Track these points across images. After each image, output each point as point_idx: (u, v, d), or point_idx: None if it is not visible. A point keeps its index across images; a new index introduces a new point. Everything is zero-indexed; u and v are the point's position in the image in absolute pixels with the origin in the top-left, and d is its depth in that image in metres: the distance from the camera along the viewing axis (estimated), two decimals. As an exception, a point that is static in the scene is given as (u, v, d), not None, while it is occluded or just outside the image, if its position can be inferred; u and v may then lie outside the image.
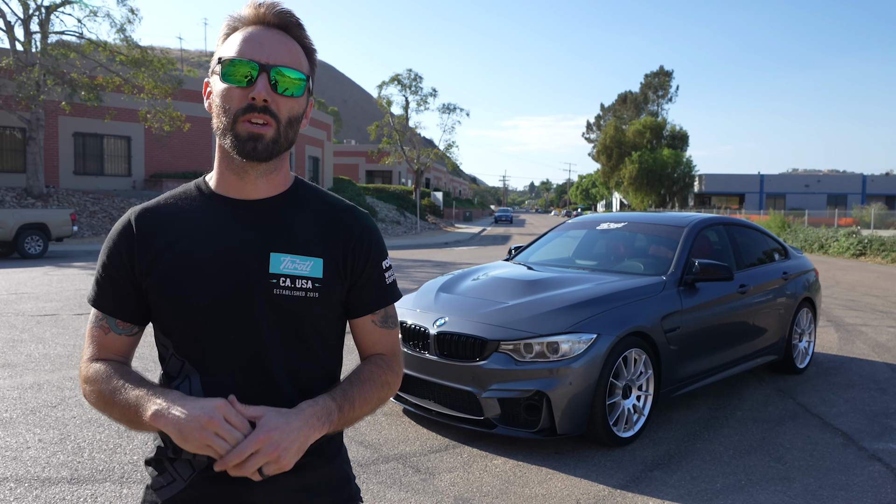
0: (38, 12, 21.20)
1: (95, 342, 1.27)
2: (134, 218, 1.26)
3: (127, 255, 1.24)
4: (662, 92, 75.71)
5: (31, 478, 3.56)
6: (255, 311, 1.21)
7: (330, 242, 1.28)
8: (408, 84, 41.04)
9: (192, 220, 1.25)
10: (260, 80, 1.16)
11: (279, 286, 1.22)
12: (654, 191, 60.98)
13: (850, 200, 57.36)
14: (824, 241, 24.10)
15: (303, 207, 1.29)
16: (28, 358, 6.09)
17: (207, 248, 1.22)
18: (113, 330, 1.27)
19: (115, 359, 1.27)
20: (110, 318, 1.26)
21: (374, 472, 3.80)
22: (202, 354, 1.22)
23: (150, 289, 1.23)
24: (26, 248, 15.94)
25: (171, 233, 1.24)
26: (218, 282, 1.21)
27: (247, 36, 1.19)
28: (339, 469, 1.35)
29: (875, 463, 4.08)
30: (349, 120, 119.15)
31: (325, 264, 1.26)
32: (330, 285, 1.26)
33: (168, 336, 1.25)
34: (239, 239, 1.23)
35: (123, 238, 1.25)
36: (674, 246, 5.29)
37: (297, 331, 1.25)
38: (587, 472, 3.87)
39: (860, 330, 8.48)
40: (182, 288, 1.21)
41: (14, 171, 24.09)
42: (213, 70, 1.23)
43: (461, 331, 4.27)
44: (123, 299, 1.26)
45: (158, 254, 1.23)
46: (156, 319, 1.27)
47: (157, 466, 1.27)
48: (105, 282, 1.26)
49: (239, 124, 1.17)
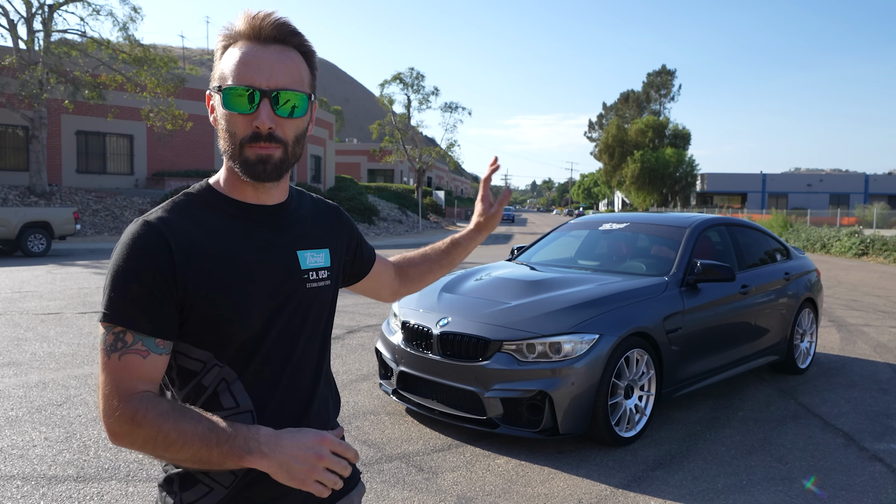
0: (41, 10, 21.25)
1: (129, 373, 1.13)
2: (164, 228, 1.17)
3: (168, 268, 1.14)
4: (665, 91, 75.60)
5: (37, 476, 3.59)
6: (295, 307, 1.29)
7: (332, 233, 1.43)
8: (410, 83, 41.09)
9: (223, 229, 1.23)
10: (262, 107, 1.15)
11: (310, 280, 1.32)
12: (656, 190, 60.93)
13: (853, 200, 57.31)
14: (826, 240, 24.08)
15: (305, 206, 1.40)
16: (33, 356, 6.12)
17: (247, 255, 1.23)
18: (153, 352, 1.15)
19: (152, 389, 1.16)
20: (148, 338, 1.14)
21: (378, 471, 3.83)
22: (249, 359, 1.22)
23: (199, 303, 1.16)
24: (29, 246, 15.98)
25: (207, 243, 1.20)
26: (266, 285, 1.24)
27: (245, 58, 1.16)
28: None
29: (876, 463, 4.09)
30: (351, 119, 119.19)
31: (331, 252, 1.40)
32: (336, 271, 1.40)
33: (204, 348, 1.20)
34: (272, 242, 1.28)
35: (161, 251, 1.14)
36: (676, 246, 5.30)
37: (322, 319, 1.37)
38: (589, 471, 3.89)
39: (862, 330, 8.49)
40: (234, 298, 1.19)
41: (17, 169, 24.14)
42: (213, 88, 1.20)
43: (464, 331, 4.29)
44: (163, 316, 1.15)
45: (203, 267, 1.17)
46: (193, 333, 1.19)
47: (185, 482, 1.23)
48: (143, 300, 1.13)
49: (246, 150, 1.18)
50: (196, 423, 1.10)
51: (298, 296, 1.29)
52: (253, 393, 1.23)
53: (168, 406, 1.12)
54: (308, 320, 1.32)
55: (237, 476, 1.21)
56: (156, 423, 1.09)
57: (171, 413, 1.10)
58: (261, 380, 1.24)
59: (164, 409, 1.11)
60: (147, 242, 1.14)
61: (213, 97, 1.21)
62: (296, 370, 1.28)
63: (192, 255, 1.17)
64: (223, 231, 1.22)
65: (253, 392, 1.23)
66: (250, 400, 1.22)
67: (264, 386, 1.24)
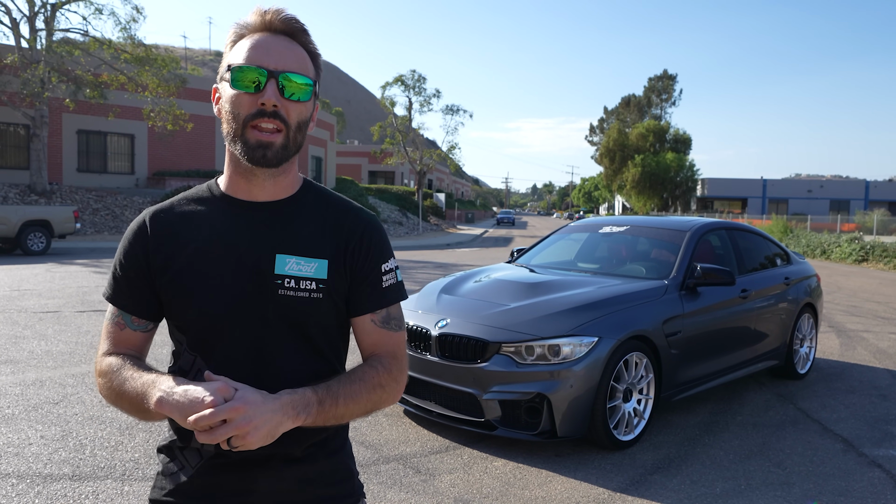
0: (43, 9, 21.28)
1: (111, 338, 1.32)
2: (148, 218, 1.31)
3: (142, 253, 1.28)
4: (666, 95, 75.74)
5: (32, 474, 3.58)
6: (262, 311, 1.25)
7: (334, 243, 1.30)
8: (411, 85, 41.11)
9: (203, 220, 1.29)
10: (269, 85, 1.19)
11: (284, 287, 1.25)
12: (656, 194, 60.99)
13: (853, 206, 57.32)
14: (826, 246, 24.08)
15: (310, 209, 1.32)
16: (30, 354, 6.11)
17: (217, 248, 1.26)
18: (128, 326, 1.31)
19: (129, 353, 1.31)
20: (126, 314, 1.31)
21: (375, 472, 3.81)
22: (211, 351, 1.26)
23: (164, 287, 1.27)
24: (29, 244, 15.97)
25: (183, 233, 1.28)
26: (227, 281, 1.25)
27: (254, 43, 1.22)
28: (342, 463, 1.37)
29: (875, 469, 4.08)
30: (352, 120, 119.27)
31: (330, 265, 1.29)
32: (334, 286, 1.29)
33: (182, 332, 1.29)
34: (247, 240, 1.26)
35: (139, 237, 1.29)
36: (676, 250, 5.29)
37: (302, 330, 1.28)
38: (587, 475, 3.88)
39: (861, 336, 8.48)
40: (193, 287, 1.25)
41: (18, 167, 24.14)
42: (221, 76, 1.25)
43: (463, 332, 4.28)
44: (139, 296, 1.30)
45: (172, 253, 1.27)
46: (169, 316, 1.31)
47: (169, 454, 1.32)
48: (121, 279, 1.30)
49: (248, 130, 1.20)
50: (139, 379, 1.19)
51: (265, 300, 1.24)
52: None
53: (129, 364, 1.24)
54: (278, 328, 1.25)
55: (202, 458, 1.27)
56: (111, 375, 1.24)
57: (124, 368, 1.23)
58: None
59: (122, 365, 1.24)
60: (131, 231, 1.31)
61: (220, 85, 1.25)
62: (260, 380, 1.20)
63: (164, 243, 1.27)
64: (202, 224, 1.28)
65: None
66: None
67: None
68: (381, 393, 1.30)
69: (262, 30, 1.24)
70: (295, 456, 1.28)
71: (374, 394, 1.29)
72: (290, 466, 1.27)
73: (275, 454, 1.25)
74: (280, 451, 1.24)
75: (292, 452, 1.27)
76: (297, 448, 1.27)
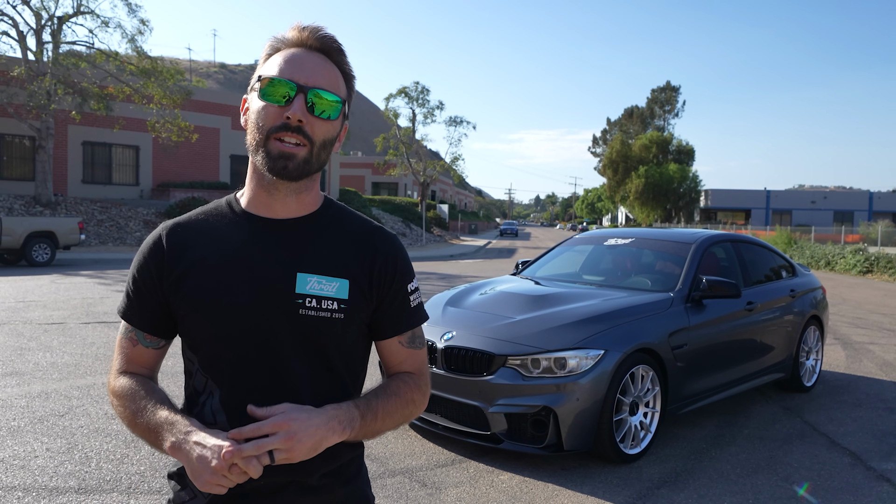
0: (50, 22, 21.44)
1: (124, 353, 1.30)
2: (165, 233, 1.27)
3: (156, 270, 1.25)
4: (669, 107, 75.91)
5: (38, 487, 3.57)
6: (280, 330, 1.21)
7: (357, 264, 1.28)
8: (415, 97, 41.20)
9: (221, 236, 1.26)
10: (297, 100, 1.17)
11: (305, 306, 1.21)
12: (659, 205, 60.97)
13: (857, 217, 57.24)
14: (831, 257, 24.03)
15: (331, 228, 1.29)
16: (36, 366, 6.12)
17: (235, 265, 1.23)
18: (141, 342, 1.29)
19: (141, 372, 1.30)
20: (139, 331, 1.29)
21: (381, 486, 3.80)
22: (223, 371, 1.23)
23: (178, 303, 1.24)
24: (34, 255, 16.02)
25: (200, 249, 1.25)
26: (244, 300, 1.21)
27: (288, 57, 1.21)
28: (359, 490, 1.35)
29: (883, 483, 4.05)
30: (356, 131, 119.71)
31: (352, 285, 1.25)
32: (356, 307, 1.26)
33: (194, 351, 1.26)
34: (266, 258, 1.23)
35: (154, 253, 1.26)
36: (681, 262, 5.29)
37: (320, 351, 1.24)
38: (594, 488, 3.86)
39: (867, 348, 8.44)
40: (208, 305, 1.21)
41: (23, 179, 24.25)
42: (252, 87, 1.23)
43: (468, 345, 4.27)
44: (152, 313, 1.27)
45: (187, 270, 1.23)
46: (183, 334, 1.28)
47: (180, 481, 1.28)
48: (134, 295, 1.28)
49: (271, 141, 1.18)
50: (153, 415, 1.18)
51: (285, 319, 1.21)
52: (229, 412, 1.21)
53: (143, 391, 1.23)
54: (295, 349, 1.22)
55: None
56: (126, 400, 1.23)
57: (138, 397, 1.22)
58: (235, 400, 1.21)
59: (136, 391, 1.23)
60: (147, 245, 1.28)
61: (249, 95, 1.24)
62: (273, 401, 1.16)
63: (180, 258, 1.24)
64: (219, 239, 1.25)
65: (229, 412, 1.21)
66: (226, 419, 1.20)
67: (239, 409, 1.18)
68: (412, 408, 1.32)
69: (298, 45, 1.23)
70: (310, 484, 1.24)
71: (406, 409, 1.30)
72: (305, 496, 1.23)
73: (290, 483, 1.22)
74: (295, 479, 1.22)
75: (307, 481, 1.23)
76: (311, 477, 1.23)
